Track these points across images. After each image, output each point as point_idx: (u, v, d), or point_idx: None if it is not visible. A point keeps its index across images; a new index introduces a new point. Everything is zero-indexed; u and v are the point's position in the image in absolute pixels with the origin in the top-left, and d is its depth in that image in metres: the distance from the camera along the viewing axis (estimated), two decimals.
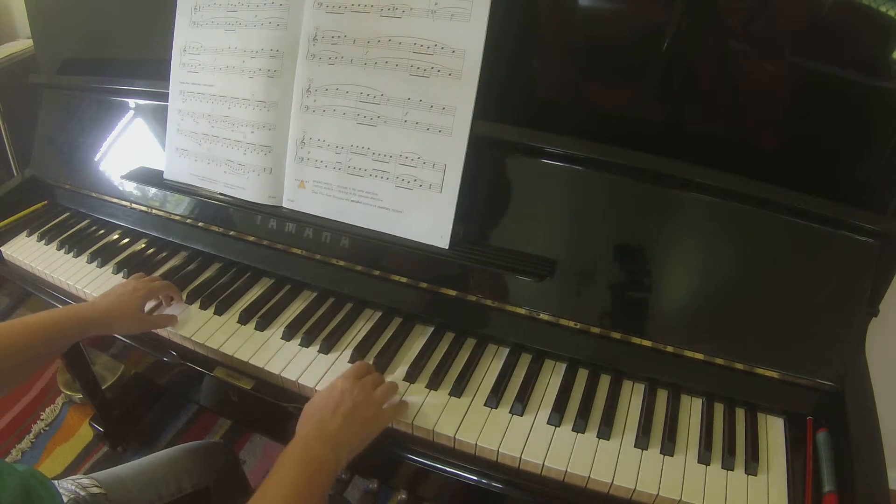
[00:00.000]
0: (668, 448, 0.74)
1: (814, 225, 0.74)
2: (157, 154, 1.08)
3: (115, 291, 0.91)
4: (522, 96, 0.88)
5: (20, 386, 0.79)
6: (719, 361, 0.78)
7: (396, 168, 0.86)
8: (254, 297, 0.97)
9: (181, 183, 1.04)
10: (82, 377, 1.47)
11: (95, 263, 1.07)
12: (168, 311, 0.95)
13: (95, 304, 0.89)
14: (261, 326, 0.91)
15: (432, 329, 0.91)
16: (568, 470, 0.71)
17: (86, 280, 1.03)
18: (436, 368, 0.84)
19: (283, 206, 0.96)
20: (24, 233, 1.17)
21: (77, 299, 1.02)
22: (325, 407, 0.71)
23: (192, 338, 0.90)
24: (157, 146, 1.08)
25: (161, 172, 1.06)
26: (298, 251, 0.96)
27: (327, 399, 0.72)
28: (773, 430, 0.78)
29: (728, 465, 0.72)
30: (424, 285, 0.89)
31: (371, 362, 0.84)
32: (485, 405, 0.79)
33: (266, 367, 0.85)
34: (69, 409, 1.74)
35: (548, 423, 0.77)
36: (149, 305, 0.94)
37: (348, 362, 0.86)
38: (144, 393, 1.71)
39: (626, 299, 0.80)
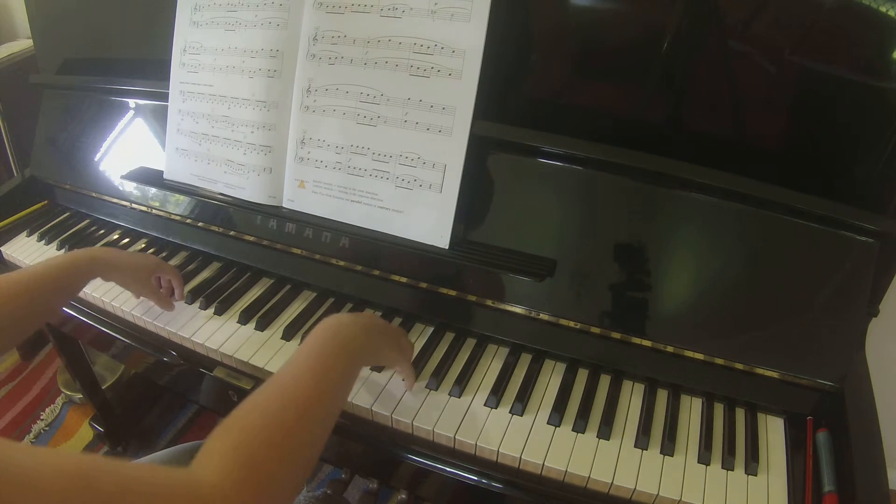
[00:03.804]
0: (668, 448, 0.74)
1: (814, 225, 0.74)
2: (157, 154, 1.08)
3: (130, 251, 0.97)
4: (523, 96, 0.88)
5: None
6: (719, 361, 0.78)
7: (396, 168, 0.86)
8: (254, 297, 0.97)
9: (181, 183, 1.04)
10: (82, 377, 1.47)
11: None
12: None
13: (107, 248, 0.92)
14: (261, 326, 0.91)
15: (432, 329, 0.91)
16: (568, 470, 0.71)
17: None
18: (436, 368, 0.84)
19: (283, 206, 0.96)
20: (24, 233, 1.17)
21: (77, 299, 1.02)
22: (342, 315, 0.73)
23: (192, 338, 0.90)
24: (157, 146, 1.09)
25: (161, 172, 1.06)
26: (298, 251, 0.96)
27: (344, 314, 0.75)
28: (773, 430, 0.78)
29: (728, 465, 0.72)
30: (424, 285, 0.89)
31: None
32: (485, 405, 0.79)
33: (266, 368, 0.85)
34: (69, 409, 1.74)
35: (548, 423, 0.77)
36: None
37: None
38: (144, 393, 1.71)
39: (625, 299, 0.80)
